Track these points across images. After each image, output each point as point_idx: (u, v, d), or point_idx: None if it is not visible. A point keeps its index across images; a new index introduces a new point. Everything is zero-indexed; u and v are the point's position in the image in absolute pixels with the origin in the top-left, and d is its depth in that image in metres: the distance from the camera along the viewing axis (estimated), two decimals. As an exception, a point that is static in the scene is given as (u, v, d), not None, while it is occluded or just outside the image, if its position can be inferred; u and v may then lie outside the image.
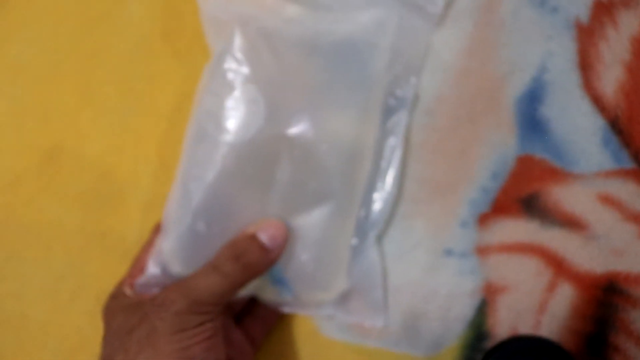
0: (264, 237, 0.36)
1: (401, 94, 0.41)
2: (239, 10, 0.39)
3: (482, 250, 0.41)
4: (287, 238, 0.37)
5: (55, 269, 0.44)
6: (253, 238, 0.36)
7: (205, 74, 0.39)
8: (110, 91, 0.45)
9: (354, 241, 0.40)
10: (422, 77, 0.43)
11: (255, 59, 0.37)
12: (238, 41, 0.38)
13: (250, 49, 0.38)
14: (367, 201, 0.40)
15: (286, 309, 0.40)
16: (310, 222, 0.37)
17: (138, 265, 0.39)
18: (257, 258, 0.36)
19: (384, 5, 0.40)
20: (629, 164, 0.41)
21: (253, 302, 0.40)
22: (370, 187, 0.40)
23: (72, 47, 0.45)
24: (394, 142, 0.40)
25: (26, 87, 0.45)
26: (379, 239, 0.41)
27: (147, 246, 0.40)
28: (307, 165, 0.37)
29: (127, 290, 0.37)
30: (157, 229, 0.40)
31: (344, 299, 0.40)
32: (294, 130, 0.37)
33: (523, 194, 0.41)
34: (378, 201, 0.40)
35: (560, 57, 0.42)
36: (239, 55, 0.38)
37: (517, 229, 0.41)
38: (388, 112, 0.40)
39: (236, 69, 0.37)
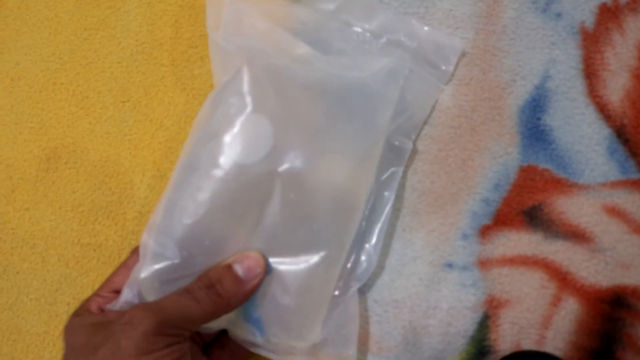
0: (239, 269, 0.33)
1: (400, 146, 0.37)
2: (249, 44, 0.36)
3: (484, 264, 0.38)
4: (264, 272, 0.34)
5: (51, 281, 0.41)
6: (229, 268, 0.33)
7: (206, 104, 0.36)
8: (107, 100, 0.42)
9: (336, 292, 0.36)
10: (422, 86, 0.40)
11: (260, 94, 0.34)
12: (245, 76, 0.35)
13: (256, 84, 0.35)
14: (355, 253, 0.36)
15: (255, 350, 0.36)
16: (295, 267, 0.34)
17: (108, 286, 0.36)
18: (230, 288, 0.33)
19: (398, 56, 0.37)
20: (636, 174, 0.37)
21: (224, 334, 0.37)
22: (360, 240, 0.37)
23: (68, 56, 0.43)
24: (387, 196, 0.37)
25: (23, 96, 0.43)
26: (362, 292, 0.38)
27: (122, 268, 0.36)
28: (300, 210, 0.34)
29: (93, 309, 0.34)
30: (135, 252, 0.37)
31: (315, 348, 0.36)
32: (290, 169, 0.34)
33: (526, 205, 0.38)
34: (365, 255, 0.36)
35: (564, 64, 0.38)
36: (245, 89, 0.34)
37: (520, 241, 0.38)
38: (384, 163, 0.37)
39: (240, 103, 0.34)
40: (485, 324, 0.37)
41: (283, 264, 0.34)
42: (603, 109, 0.38)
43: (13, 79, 0.43)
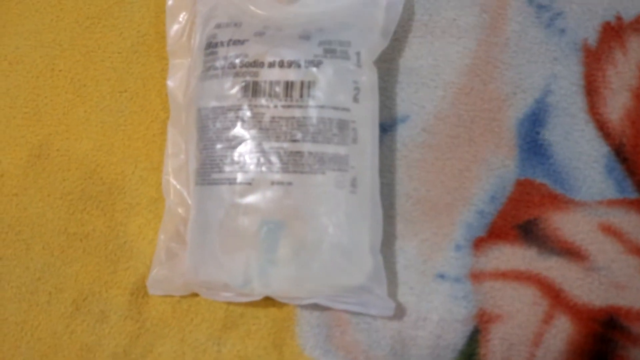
0: None
1: None
2: None
3: (477, 276, 0.35)
4: None
5: (34, 269, 0.38)
6: None
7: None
8: (104, 90, 0.39)
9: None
10: (421, 93, 0.37)
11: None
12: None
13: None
14: None
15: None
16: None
17: None
18: None
19: None
20: (633, 194, 0.35)
21: None
22: None
23: (69, 43, 0.40)
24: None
25: (19, 80, 0.40)
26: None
27: None
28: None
29: None
30: None
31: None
32: None
33: (521, 219, 0.35)
34: None
35: (565, 80, 0.36)
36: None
37: (514, 255, 0.35)
38: None
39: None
40: (475, 339, 0.34)
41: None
42: (602, 127, 0.36)
43: (11, 63, 0.40)
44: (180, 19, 0.37)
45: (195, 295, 0.36)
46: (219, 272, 0.34)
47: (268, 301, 0.35)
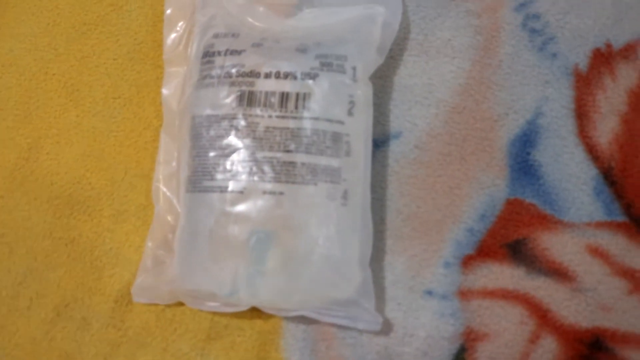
0: None
1: None
2: None
3: (465, 294, 0.35)
4: None
5: (16, 273, 0.37)
6: None
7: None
8: (97, 95, 0.39)
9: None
10: (415, 111, 0.37)
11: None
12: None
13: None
14: None
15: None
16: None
17: None
18: None
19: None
20: (621, 217, 0.35)
21: None
22: None
23: (64, 48, 0.40)
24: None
25: (12, 82, 0.40)
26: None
27: None
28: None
29: None
30: None
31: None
32: None
33: (510, 238, 0.35)
34: None
35: (556, 102, 0.37)
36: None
37: (502, 274, 0.35)
38: None
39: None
40: (461, 356, 0.34)
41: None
42: (592, 150, 0.36)
43: (4, 65, 0.40)
44: (178, 28, 0.38)
45: (181, 304, 0.36)
46: (207, 281, 0.33)
47: (254, 313, 0.35)
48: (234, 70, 0.34)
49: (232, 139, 0.33)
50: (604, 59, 0.37)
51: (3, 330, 0.36)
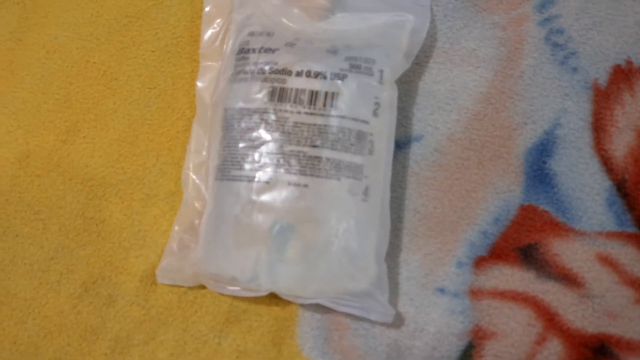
0: None
1: None
2: None
3: (475, 293, 0.36)
4: None
5: (48, 248, 0.39)
6: None
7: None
8: (134, 84, 0.41)
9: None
10: (437, 115, 0.39)
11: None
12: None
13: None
14: None
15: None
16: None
17: None
18: None
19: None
20: (631, 228, 0.36)
21: None
22: None
23: (105, 38, 0.42)
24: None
25: (54, 68, 0.42)
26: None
27: None
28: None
29: None
30: None
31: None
32: None
33: (522, 243, 0.36)
34: None
35: (574, 115, 0.38)
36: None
37: (513, 277, 0.36)
38: None
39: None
40: (468, 353, 0.35)
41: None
42: (606, 162, 0.37)
43: (48, 52, 0.42)
44: (215, 25, 0.39)
45: (202, 287, 0.37)
46: (229, 266, 0.35)
47: (272, 300, 0.36)
48: (267, 67, 0.36)
49: (262, 132, 0.35)
50: (623, 75, 0.38)
51: (34, 302, 0.38)
